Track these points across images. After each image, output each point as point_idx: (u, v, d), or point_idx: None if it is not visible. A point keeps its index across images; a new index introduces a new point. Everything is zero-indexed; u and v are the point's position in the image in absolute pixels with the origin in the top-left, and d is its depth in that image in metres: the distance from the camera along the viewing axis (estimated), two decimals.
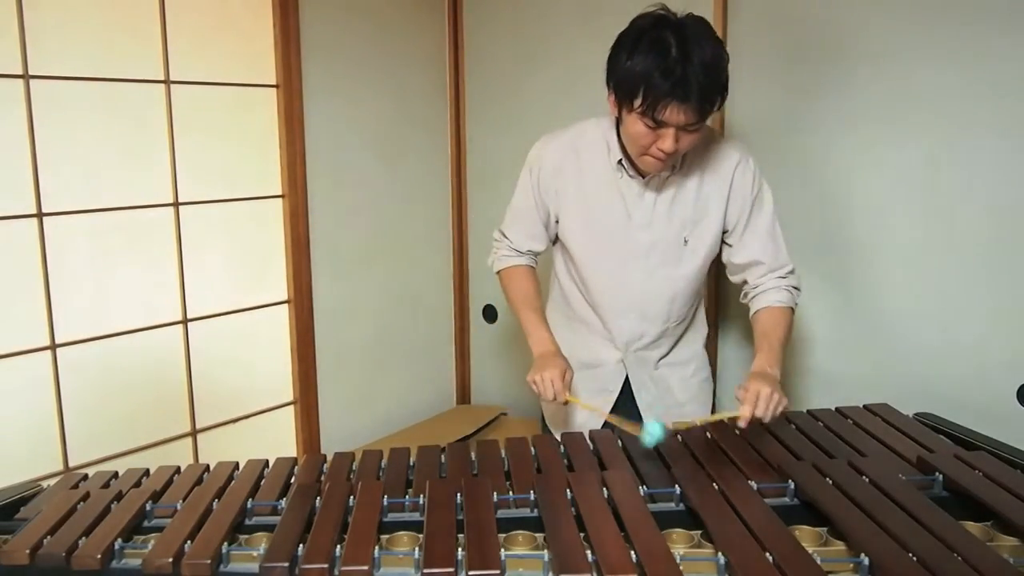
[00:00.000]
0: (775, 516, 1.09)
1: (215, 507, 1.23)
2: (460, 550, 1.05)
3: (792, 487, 1.22)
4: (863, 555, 1.00)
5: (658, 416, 1.68)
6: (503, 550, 1.04)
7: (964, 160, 1.86)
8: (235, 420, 2.49)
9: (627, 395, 1.73)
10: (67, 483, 1.43)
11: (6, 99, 1.95)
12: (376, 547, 1.08)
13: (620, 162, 1.58)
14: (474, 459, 1.43)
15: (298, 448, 2.65)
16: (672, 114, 1.39)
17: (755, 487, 1.21)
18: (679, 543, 1.11)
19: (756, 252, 1.63)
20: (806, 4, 2.08)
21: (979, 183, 1.85)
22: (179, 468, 1.46)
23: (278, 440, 2.61)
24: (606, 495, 1.18)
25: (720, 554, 1.02)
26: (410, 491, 1.30)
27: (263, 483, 1.36)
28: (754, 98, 2.20)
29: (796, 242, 2.12)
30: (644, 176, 1.58)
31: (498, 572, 0.99)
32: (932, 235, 1.93)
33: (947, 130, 1.88)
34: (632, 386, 1.73)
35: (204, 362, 2.39)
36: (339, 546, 1.07)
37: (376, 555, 1.05)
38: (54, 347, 2.08)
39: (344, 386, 2.75)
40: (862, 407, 1.61)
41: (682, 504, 1.20)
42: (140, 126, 2.19)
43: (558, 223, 1.69)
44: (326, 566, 1.02)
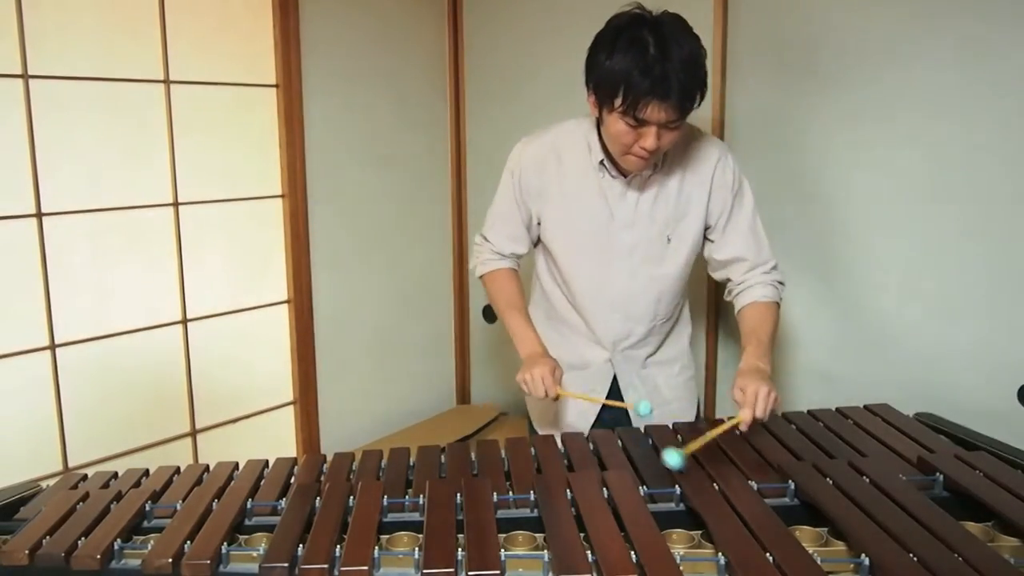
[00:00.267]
0: (775, 516, 1.09)
1: (215, 507, 1.23)
2: (460, 550, 1.05)
3: (792, 487, 1.22)
4: (863, 555, 1.00)
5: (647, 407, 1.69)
6: (503, 550, 1.04)
7: (964, 160, 1.86)
8: (235, 420, 2.49)
9: (615, 395, 1.73)
10: (67, 483, 1.43)
11: (6, 99, 1.95)
12: (376, 547, 1.08)
13: (602, 162, 1.58)
14: (474, 459, 1.43)
15: (298, 448, 2.65)
16: (653, 112, 1.39)
17: (755, 487, 1.21)
18: (679, 543, 1.11)
19: (738, 248, 1.63)
20: (806, 4, 2.07)
21: (979, 182, 1.85)
22: (179, 468, 1.46)
23: (278, 440, 2.61)
24: (606, 495, 1.18)
25: (720, 554, 1.02)
26: (410, 491, 1.30)
27: (263, 483, 1.36)
28: (753, 98, 2.20)
29: (796, 242, 2.14)
30: (626, 176, 1.59)
31: (498, 572, 0.98)
32: (932, 235, 1.93)
33: (947, 129, 1.88)
34: (620, 385, 1.73)
35: (204, 362, 2.39)
36: (339, 546, 1.07)
37: (376, 555, 1.05)
38: (54, 347, 2.08)
39: (344, 386, 2.75)
40: (862, 407, 1.61)
41: (682, 504, 1.20)
42: (140, 126, 2.19)
43: (540, 225, 1.68)
44: (326, 566, 1.02)
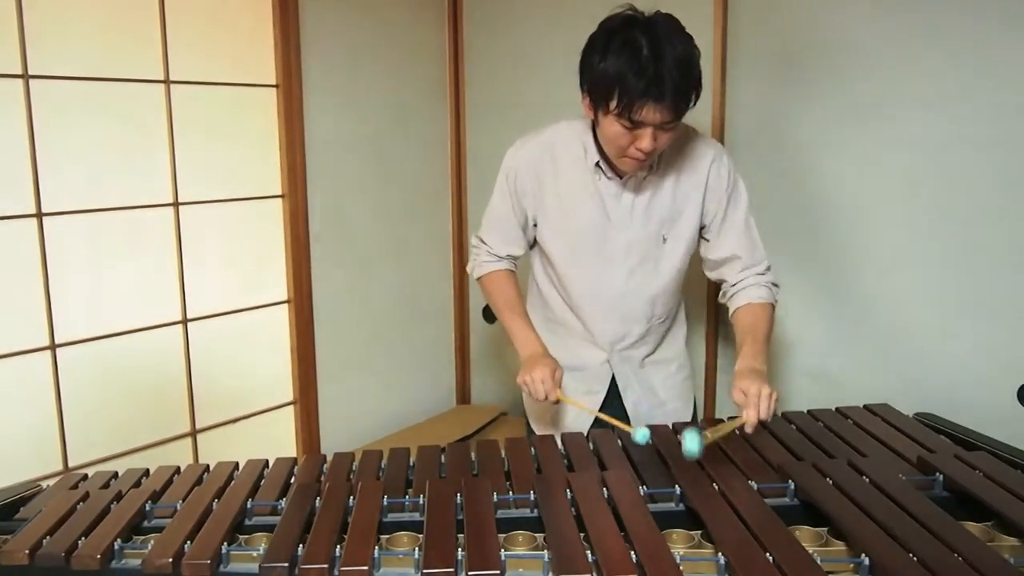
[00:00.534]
0: (775, 516, 1.09)
1: (215, 507, 1.23)
2: (460, 550, 1.05)
3: (792, 487, 1.22)
4: (863, 555, 1.00)
5: (646, 417, 1.70)
6: (503, 550, 1.04)
7: (964, 160, 1.86)
8: (235, 420, 2.49)
9: (613, 395, 1.73)
10: (67, 483, 1.43)
11: (6, 99, 1.95)
12: (376, 547, 1.08)
13: (598, 164, 1.58)
14: (474, 459, 1.43)
15: (298, 448, 2.65)
16: (648, 114, 1.39)
17: (755, 487, 1.21)
18: (679, 543, 1.11)
19: (732, 247, 1.63)
20: (805, 4, 2.07)
21: (979, 183, 1.85)
22: (179, 468, 1.46)
23: (278, 440, 2.61)
24: (606, 495, 1.18)
25: (720, 554, 1.02)
26: (410, 491, 1.30)
27: (263, 483, 1.36)
28: (753, 98, 2.20)
29: (795, 242, 2.14)
30: (621, 176, 1.59)
31: (498, 572, 0.99)
32: (932, 235, 1.93)
33: (946, 130, 1.88)
34: (618, 386, 1.73)
35: (204, 362, 2.39)
36: (339, 546, 1.07)
37: (376, 555, 1.05)
38: (54, 347, 2.07)
39: (344, 386, 2.75)
40: (862, 407, 1.61)
41: (682, 504, 1.20)
42: (140, 126, 2.19)
43: (536, 226, 1.68)
44: (326, 566, 1.02)
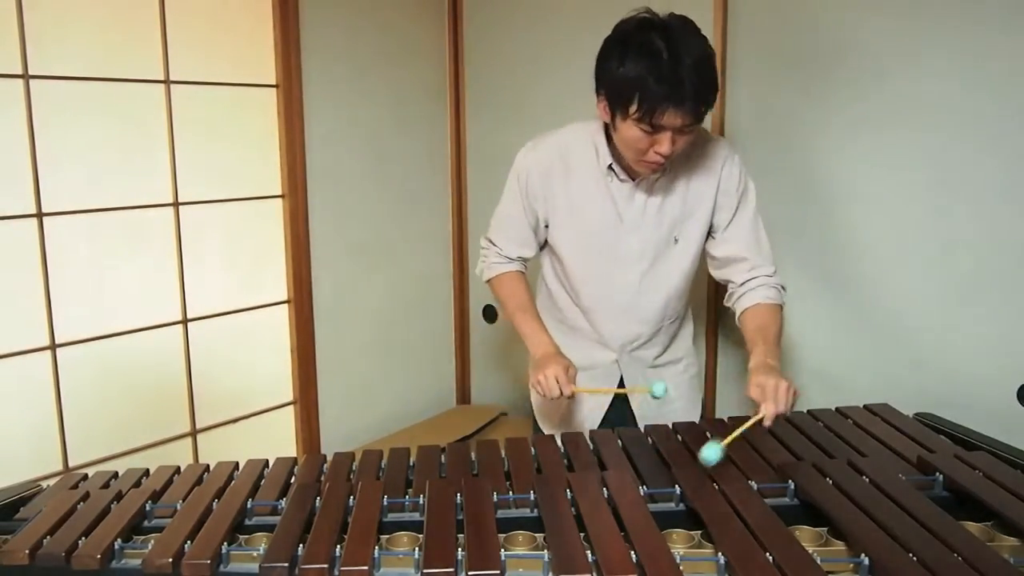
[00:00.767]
0: (775, 516, 1.09)
1: (215, 507, 1.23)
2: (460, 550, 1.05)
3: (792, 487, 1.22)
4: (863, 555, 1.00)
5: (653, 417, 1.69)
6: (503, 550, 1.04)
7: (963, 162, 1.86)
8: (235, 420, 2.49)
9: (619, 395, 1.74)
10: (67, 483, 1.43)
11: (6, 99, 1.95)
12: (376, 547, 1.08)
13: (610, 166, 1.58)
14: (474, 459, 1.43)
15: (298, 448, 2.65)
16: (669, 118, 1.39)
17: (755, 487, 1.21)
18: (679, 543, 1.11)
19: (739, 247, 1.63)
20: (805, 5, 2.07)
21: (978, 184, 1.85)
22: (179, 468, 1.46)
23: (278, 440, 2.61)
24: (606, 495, 1.18)
25: (720, 554, 1.02)
26: (410, 491, 1.30)
27: (263, 483, 1.36)
28: (753, 99, 2.20)
29: (796, 243, 2.14)
30: (634, 179, 1.58)
31: (498, 572, 0.98)
32: (932, 235, 1.93)
33: (945, 131, 1.88)
34: (625, 386, 1.74)
35: (204, 362, 2.39)
36: (339, 546, 1.07)
37: (376, 555, 1.05)
38: (54, 347, 2.08)
39: (344, 386, 2.75)
40: (862, 407, 1.61)
41: (682, 504, 1.20)
42: (140, 126, 2.19)
43: (547, 228, 1.68)
44: (326, 566, 1.02)
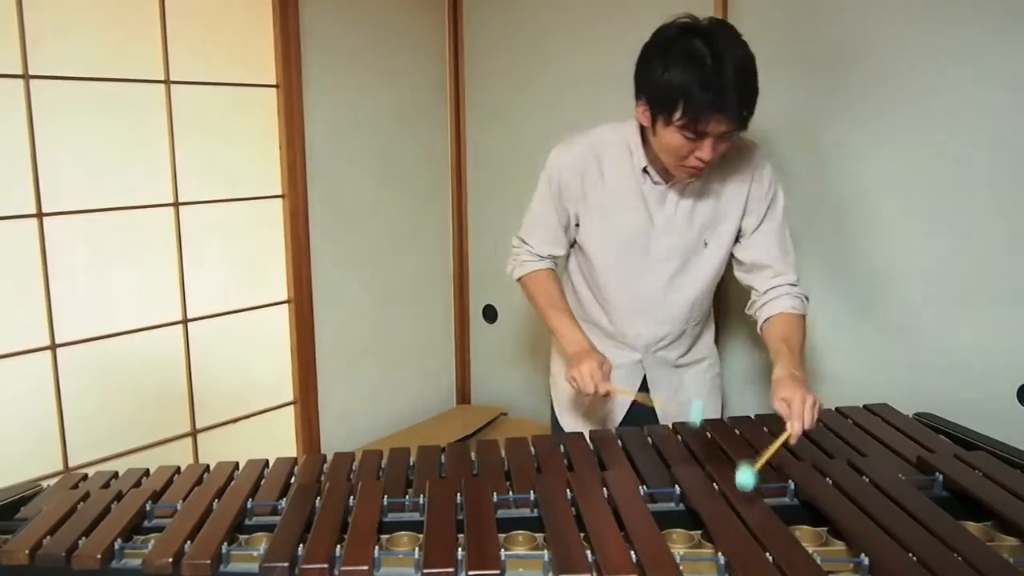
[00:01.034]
0: (775, 516, 1.09)
1: (215, 507, 1.23)
2: (460, 550, 1.05)
3: (792, 487, 1.22)
4: (863, 555, 1.00)
5: (674, 416, 1.70)
6: (503, 550, 1.04)
7: (963, 162, 1.86)
8: (235, 420, 2.49)
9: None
10: (67, 483, 1.43)
11: (6, 99, 1.95)
12: (376, 547, 1.08)
13: (645, 169, 1.58)
14: (474, 459, 1.43)
15: (298, 448, 2.65)
16: (713, 125, 1.40)
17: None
18: (679, 543, 1.11)
19: (764, 253, 1.63)
20: (805, 4, 2.07)
21: (979, 184, 1.85)
22: (179, 468, 1.46)
23: (278, 440, 2.61)
24: (606, 495, 1.18)
25: (720, 554, 1.02)
26: (410, 491, 1.30)
27: (263, 483, 1.36)
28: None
29: (796, 243, 2.12)
30: (667, 181, 1.59)
31: (498, 572, 0.99)
32: (932, 235, 1.93)
33: (947, 129, 1.88)
34: (648, 386, 1.74)
35: (204, 362, 2.39)
36: (339, 546, 1.07)
37: (376, 555, 1.05)
38: (54, 347, 2.07)
39: (344, 386, 2.75)
40: (862, 407, 1.61)
41: (682, 504, 1.20)
42: (140, 126, 2.19)
43: (578, 227, 1.68)
44: (326, 566, 1.02)
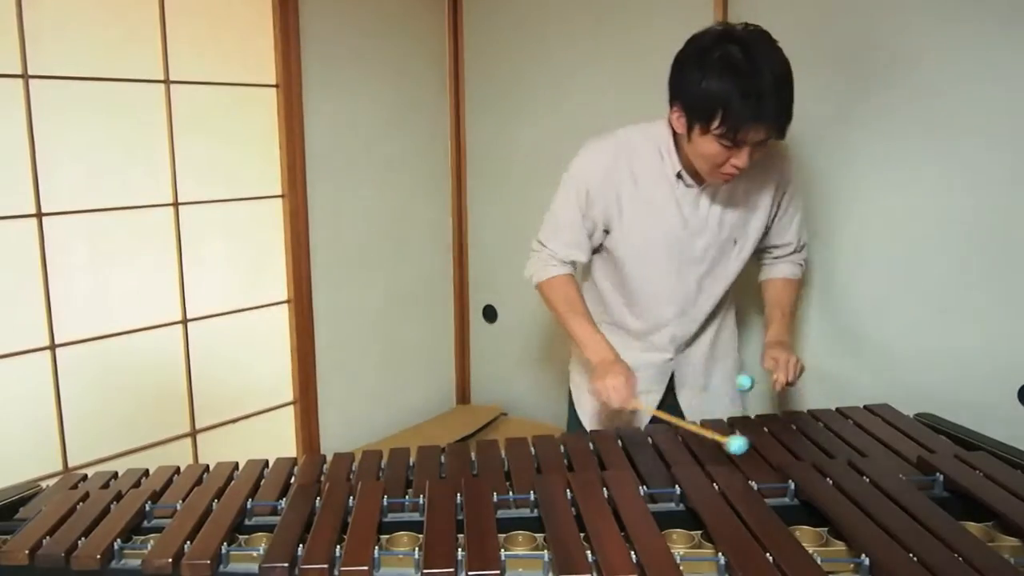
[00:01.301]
0: (775, 516, 1.09)
1: (215, 507, 1.23)
2: (460, 550, 1.05)
3: (792, 487, 1.22)
4: (863, 555, 1.00)
5: (698, 413, 1.71)
6: (503, 550, 1.04)
7: (963, 162, 1.86)
8: (235, 420, 2.49)
9: (670, 392, 1.75)
10: (67, 483, 1.43)
11: (6, 99, 1.95)
12: (376, 547, 1.08)
13: (679, 174, 1.58)
14: (474, 459, 1.43)
15: (298, 448, 2.65)
16: (752, 134, 1.40)
17: (755, 487, 1.21)
18: (679, 543, 1.11)
19: (789, 236, 1.74)
20: (805, 4, 2.07)
21: (979, 183, 1.85)
22: (179, 468, 1.46)
23: (278, 440, 2.61)
24: (606, 495, 1.18)
25: (720, 554, 1.02)
26: (410, 491, 1.30)
27: (263, 483, 1.36)
28: None
29: None
30: (699, 184, 1.59)
31: (498, 572, 0.98)
32: (932, 235, 1.93)
33: (947, 129, 1.88)
34: (675, 384, 1.75)
35: (204, 362, 2.39)
36: (339, 546, 1.07)
37: (376, 555, 1.05)
38: (54, 347, 2.07)
39: (344, 386, 2.75)
40: (862, 407, 1.61)
41: (682, 504, 1.20)
42: (140, 126, 2.19)
43: (607, 233, 1.67)
44: (326, 566, 1.02)
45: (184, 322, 2.34)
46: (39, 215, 2.02)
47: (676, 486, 1.22)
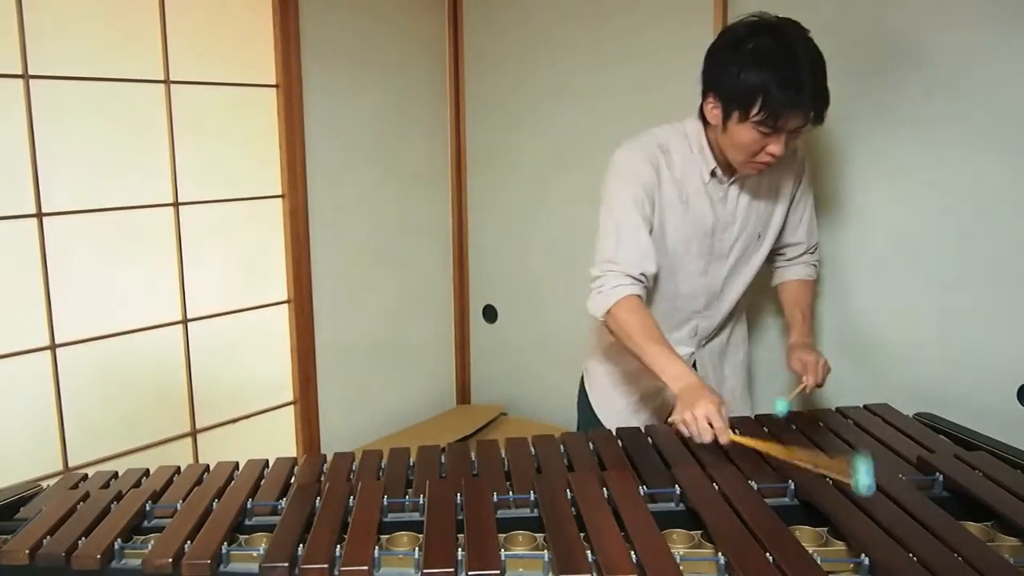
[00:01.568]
0: (775, 516, 1.09)
1: (215, 507, 1.23)
2: (460, 550, 1.05)
3: (792, 487, 1.22)
4: (863, 555, 1.00)
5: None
6: (503, 550, 1.04)
7: (963, 161, 1.86)
8: (235, 420, 2.49)
9: None
10: (67, 483, 1.43)
11: (6, 99, 1.95)
12: (376, 547, 1.08)
13: (713, 171, 1.59)
14: (474, 459, 1.43)
15: (298, 448, 2.65)
16: (792, 121, 1.41)
17: (755, 487, 1.21)
18: (679, 543, 1.11)
19: (802, 234, 1.76)
20: (805, 4, 2.07)
21: (979, 183, 1.84)
22: (179, 468, 1.46)
23: (278, 440, 2.61)
24: (606, 495, 1.18)
25: (720, 554, 1.02)
26: (410, 491, 1.30)
27: (263, 483, 1.36)
28: None
29: None
30: (729, 178, 1.61)
31: (498, 572, 0.98)
32: (932, 235, 1.93)
33: (946, 128, 1.88)
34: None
35: (204, 362, 2.39)
36: (339, 546, 1.07)
37: (376, 555, 1.05)
38: (54, 347, 2.08)
39: (344, 386, 2.75)
40: (862, 407, 1.61)
41: (682, 504, 1.20)
42: (140, 126, 2.19)
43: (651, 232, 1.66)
44: (326, 566, 1.02)
45: (184, 322, 2.34)
46: (39, 215, 2.02)
47: (676, 486, 1.22)
